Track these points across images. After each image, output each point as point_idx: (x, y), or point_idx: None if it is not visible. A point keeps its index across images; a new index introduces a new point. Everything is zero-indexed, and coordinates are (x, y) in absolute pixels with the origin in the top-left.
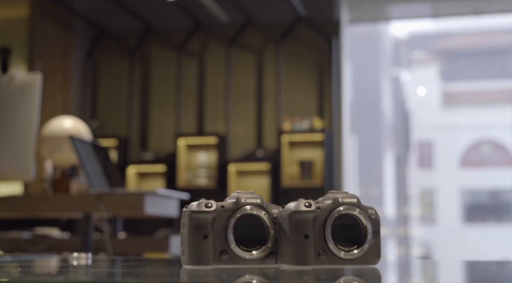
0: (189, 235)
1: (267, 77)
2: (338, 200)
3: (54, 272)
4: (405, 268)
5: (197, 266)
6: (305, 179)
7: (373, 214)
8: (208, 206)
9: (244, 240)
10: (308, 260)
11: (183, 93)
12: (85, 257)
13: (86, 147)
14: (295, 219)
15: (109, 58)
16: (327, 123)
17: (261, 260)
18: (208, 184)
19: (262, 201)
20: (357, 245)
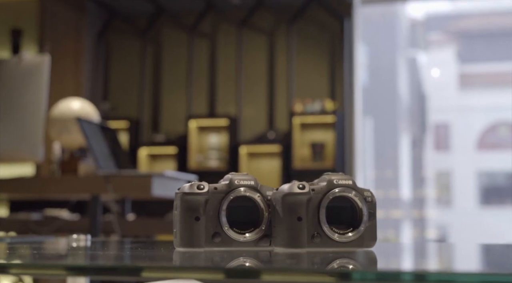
0: (181, 217)
1: (278, 58)
2: (333, 182)
3: (43, 254)
4: (403, 251)
5: (189, 249)
6: (316, 161)
7: (369, 196)
8: (200, 188)
9: (238, 222)
10: (301, 242)
11: (195, 75)
12: (84, 239)
13: (94, 128)
14: (288, 201)
15: (121, 40)
16: (339, 105)
17: (255, 243)
18: (219, 166)
19: (256, 183)
20: (352, 227)
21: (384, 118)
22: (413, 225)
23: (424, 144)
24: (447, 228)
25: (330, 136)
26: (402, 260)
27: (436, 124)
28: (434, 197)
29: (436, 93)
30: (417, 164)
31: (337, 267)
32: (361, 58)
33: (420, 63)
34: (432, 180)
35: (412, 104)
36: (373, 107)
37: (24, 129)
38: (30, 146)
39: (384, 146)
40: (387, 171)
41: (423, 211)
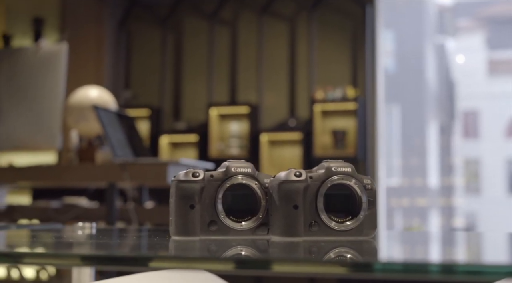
0: (176, 205)
1: (299, 45)
2: (332, 169)
3: (39, 242)
4: (403, 240)
5: (184, 237)
6: (338, 148)
7: (369, 183)
8: (195, 175)
9: (234, 210)
10: (298, 231)
11: (215, 63)
12: (89, 227)
13: (111, 116)
14: (284, 188)
15: (142, 28)
16: (361, 92)
17: (252, 231)
18: (240, 154)
19: (253, 170)
20: (351, 216)
21: (412, 105)
22: (441, 213)
23: (452, 131)
24: (476, 216)
25: (351, 124)
26: (403, 249)
27: (465, 111)
28: (462, 185)
29: (464, 80)
30: (445, 151)
31: (351, 257)
32: (388, 45)
33: (449, 49)
34: (460, 167)
35: (440, 91)
36: (401, 94)
37: (42, 118)
38: (48, 134)
39: (411, 133)
40: (415, 159)
41: (451, 199)
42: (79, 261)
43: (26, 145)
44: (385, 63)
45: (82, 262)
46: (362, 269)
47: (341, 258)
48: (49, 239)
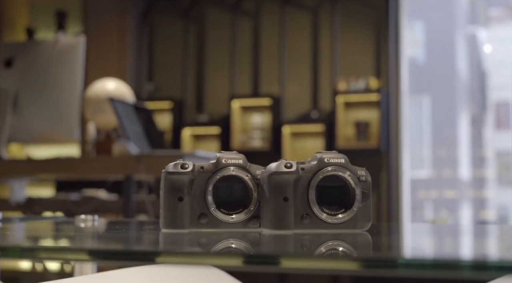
0: (164, 197)
1: (322, 36)
2: (324, 160)
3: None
4: (401, 233)
5: (173, 230)
6: (360, 140)
7: (363, 175)
8: (184, 167)
9: (225, 202)
10: (287, 224)
11: (238, 55)
12: (91, 220)
13: (127, 108)
14: (274, 180)
15: (164, 20)
16: (384, 82)
17: (243, 224)
18: (262, 146)
19: (244, 162)
20: (344, 208)
21: (442, 96)
22: (471, 205)
23: (484, 123)
24: (508, 209)
25: (374, 115)
26: (398, 241)
27: (497, 102)
28: (494, 177)
29: (496, 70)
30: (476, 143)
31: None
32: (418, 35)
33: (480, 39)
34: (492, 159)
35: (472, 82)
36: (431, 85)
37: (60, 111)
38: (66, 126)
39: (442, 124)
40: (445, 150)
41: (482, 192)
42: (85, 255)
43: (44, 137)
44: (415, 53)
45: (86, 257)
46: (383, 265)
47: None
48: (50, 232)
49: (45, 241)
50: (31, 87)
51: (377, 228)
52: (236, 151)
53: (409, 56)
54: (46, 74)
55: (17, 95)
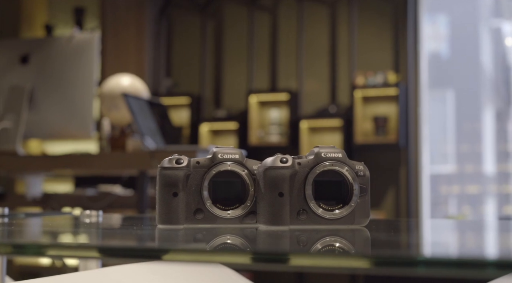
0: (159, 193)
1: (340, 30)
2: (321, 155)
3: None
4: (400, 228)
5: (168, 226)
6: (379, 135)
7: (361, 170)
8: (179, 162)
9: (222, 198)
10: (283, 220)
11: (255, 49)
12: (96, 215)
13: (141, 104)
14: (269, 175)
15: (182, 15)
16: (403, 77)
17: (240, 220)
18: (280, 141)
19: (241, 157)
20: (342, 204)
21: (467, 90)
22: (496, 200)
23: (508, 117)
24: None
25: (393, 110)
26: (396, 237)
27: None
28: None
29: None
30: (501, 137)
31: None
32: (442, 29)
33: (505, 33)
34: None
35: (496, 76)
36: (455, 79)
37: (75, 106)
38: (81, 122)
39: (466, 119)
40: (470, 145)
41: (506, 186)
42: (95, 253)
43: (60, 133)
44: (438, 47)
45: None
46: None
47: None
48: (55, 228)
49: (52, 238)
50: (46, 84)
51: (376, 223)
52: (233, 146)
53: (433, 50)
54: (61, 70)
55: (33, 92)
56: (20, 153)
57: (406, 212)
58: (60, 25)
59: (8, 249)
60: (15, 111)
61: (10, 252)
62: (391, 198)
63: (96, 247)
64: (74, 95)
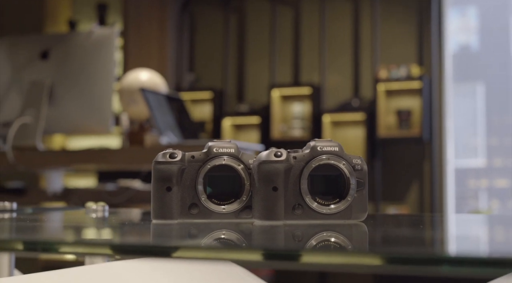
0: (153, 187)
1: (363, 23)
2: (317, 149)
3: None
4: (398, 223)
5: (162, 220)
6: (402, 128)
7: (359, 163)
8: (173, 156)
9: (217, 193)
10: (277, 214)
11: (278, 44)
12: (102, 210)
13: (159, 98)
14: (263, 169)
15: (204, 10)
16: (427, 70)
17: (235, 215)
18: (303, 135)
19: (237, 151)
20: (338, 198)
21: (497, 83)
22: None
23: None
24: None
25: (416, 103)
26: (394, 233)
27: None
28: None
29: None
30: None
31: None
32: (472, 21)
33: None
34: None
35: None
36: (484, 72)
37: (94, 102)
38: (99, 117)
39: (496, 112)
40: (499, 139)
41: None
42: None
43: (79, 128)
44: (468, 40)
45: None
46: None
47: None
48: (62, 223)
49: (61, 234)
50: (66, 79)
51: (373, 218)
52: (229, 140)
53: (462, 43)
54: (81, 66)
55: (53, 87)
56: (40, 148)
57: (430, 207)
58: (83, 21)
59: (15, 245)
60: (35, 107)
61: (14, 248)
62: (415, 193)
63: (89, 243)
64: (93, 91)
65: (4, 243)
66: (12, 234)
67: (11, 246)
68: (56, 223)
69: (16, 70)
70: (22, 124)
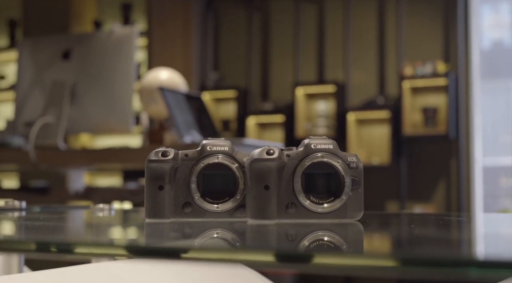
0: (146, 186)
1: (388, 20)
2: (311, 147)
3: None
4: (395, 222)
5: (155, 219)
6: (428, 126)
7: (354, 161)
8: (165, 155)
9: (211, 191)
10: (269, 213)
11: (302, 42)
12: (108, 209)
13: (178, 97)
14: (255, 167)
15: (228, 9)
16: (453, 66)
17: (230, 213)
18: (327, 133)
19: (231, 149)
20: (333, 197)
21: None
22: None
23: None
24: None
25: (442, 100)
26: (389, 232)
27: None
28: None
29: None
30: None
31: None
32: (504, 17)
33: None
34: None
35: None
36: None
37: (114, 101)
38: (120, 117)
39: None
40: None
41: None
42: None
43: (100, 127)
44: (500, 36)
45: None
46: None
47: None
48: (60, 223)
49: (54, 234)
50: (87, 78)
51: (370, 217)
52: (223, 138)
53: (495, 39)
54: (102, 65)
55: (75, 87)
56: (61, 147)
57: (457, 206)
58: (108, 21)
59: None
60: (57, 106)
61: (22, 249)
62: (442, 192)
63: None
64: (114, 90)
65: (4, 243)
66: (21, 235)
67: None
68: (55, 223)
69: (39, 70)
70: (44, 123)
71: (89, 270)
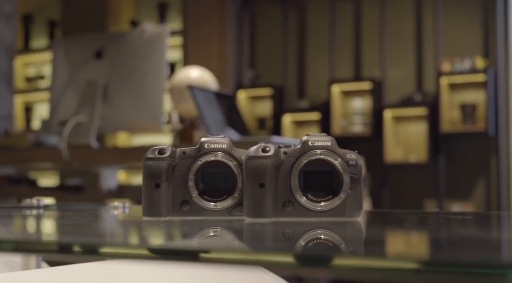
0: (143, 184)
1: (425, 16)
2: (308, 144)
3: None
4: (393, 221)
5: (152, 218)
6: (466, 123)
7: (353, 159)
8: (162, 153)
9: (209, 189)
10: (265, 212)
11: (338, 39)
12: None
13: (208, 96)
14: (250, 165)
15: (264, 6)
16: (492, 62)
17: (228, 212)
18: (363, 131)
19: (229, 146)
20: (331, 195)
21: None
22: None
23: None
24: None
25: (481, 97)
26: (391, 231)
27: None
28: None
29: None
30: None
31: None
32: None
33: None
34: None
35: None
36: None
37: (146, 100)
38: (151, 115)
39: None
40: None
41: None
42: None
43: (132, 126)
44: None
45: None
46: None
47: None
48: (74, 221)
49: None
50: (119, 78)
51: (369, 216)
52: (222, 136)
53: None
54: (133, 64)
55: (107, 86)
56: (94, 146)
57: (497, 204)
58: (145, 20)
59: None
60: (90, 106)
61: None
62: (481, 190)
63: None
64: (146, 89)
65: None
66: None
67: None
68: (66, 221)
69: (73, 69)
70: (77, 123)
71: (93, 268)
